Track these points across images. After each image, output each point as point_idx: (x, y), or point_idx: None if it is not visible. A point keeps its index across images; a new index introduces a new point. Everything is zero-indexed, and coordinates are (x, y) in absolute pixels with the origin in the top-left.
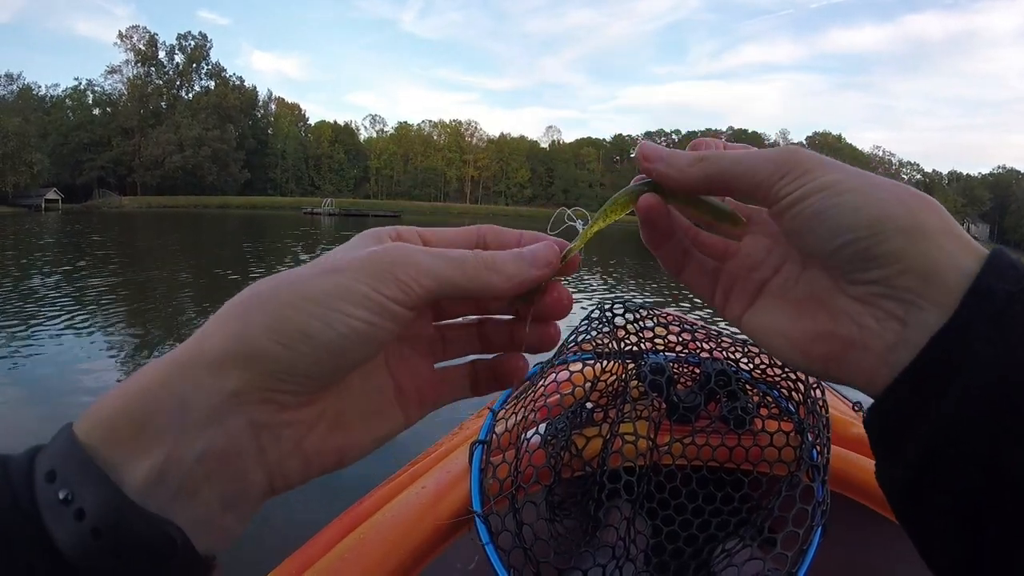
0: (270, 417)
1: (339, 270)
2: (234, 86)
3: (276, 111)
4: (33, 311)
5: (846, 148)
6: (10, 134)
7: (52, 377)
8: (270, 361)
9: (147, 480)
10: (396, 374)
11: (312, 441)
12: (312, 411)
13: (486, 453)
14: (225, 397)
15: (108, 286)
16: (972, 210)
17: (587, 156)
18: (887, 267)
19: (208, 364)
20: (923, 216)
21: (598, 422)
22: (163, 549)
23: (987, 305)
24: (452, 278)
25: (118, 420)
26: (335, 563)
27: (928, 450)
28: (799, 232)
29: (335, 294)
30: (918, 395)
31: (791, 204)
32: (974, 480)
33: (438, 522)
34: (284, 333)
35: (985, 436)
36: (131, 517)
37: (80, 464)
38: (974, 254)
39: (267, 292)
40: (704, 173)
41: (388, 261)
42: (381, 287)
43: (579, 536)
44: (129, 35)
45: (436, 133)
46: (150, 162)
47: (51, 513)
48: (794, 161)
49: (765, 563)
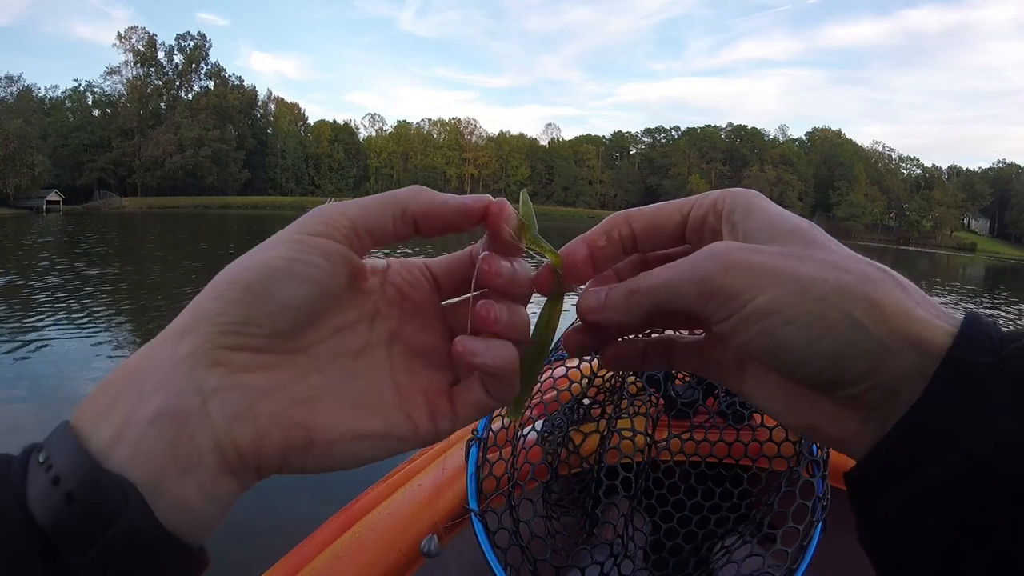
0: (219, 380)
1: (276, 234)
2: (233, 86)
3: (275, 111)
4: (36, 311)
5: (847, 144)
6: (11, 136)
7: (53, 377)
8: (210, 316)
9: (108, 440)
10: (400, 381)
11: (266, 407)
12: (267, 377)
13: (482, 450)
14: (178, 360)
15: (110, 286)
16: (973, 205)
17: (586, 153)
18: (854, 387)
19: (170, 337)
20: (880, 331)
21: (595, 418)
22: (113, 502)
23: (960, 382)
24: (372, 204)
25: (97, 397)
26: (330, 562)
27: (902, 532)
28: (753, 357)
29: (263, 247)
30: (885, 482)
31: (727, 333)
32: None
33: (434, 520)
34: (217, 287)
35: (955, 518)
36: (88, 470)
37: (61, 436)
38: (937, 350)
39: (223, 269)
40: (642, 307)
41: (315, 210)
42: (304, 227)
43: (577, 533)
44: (128, 36)
45: (435, 131)
46: (150, 163)
47: (32, 477)
48: (719, 279)
49: (765, 559)
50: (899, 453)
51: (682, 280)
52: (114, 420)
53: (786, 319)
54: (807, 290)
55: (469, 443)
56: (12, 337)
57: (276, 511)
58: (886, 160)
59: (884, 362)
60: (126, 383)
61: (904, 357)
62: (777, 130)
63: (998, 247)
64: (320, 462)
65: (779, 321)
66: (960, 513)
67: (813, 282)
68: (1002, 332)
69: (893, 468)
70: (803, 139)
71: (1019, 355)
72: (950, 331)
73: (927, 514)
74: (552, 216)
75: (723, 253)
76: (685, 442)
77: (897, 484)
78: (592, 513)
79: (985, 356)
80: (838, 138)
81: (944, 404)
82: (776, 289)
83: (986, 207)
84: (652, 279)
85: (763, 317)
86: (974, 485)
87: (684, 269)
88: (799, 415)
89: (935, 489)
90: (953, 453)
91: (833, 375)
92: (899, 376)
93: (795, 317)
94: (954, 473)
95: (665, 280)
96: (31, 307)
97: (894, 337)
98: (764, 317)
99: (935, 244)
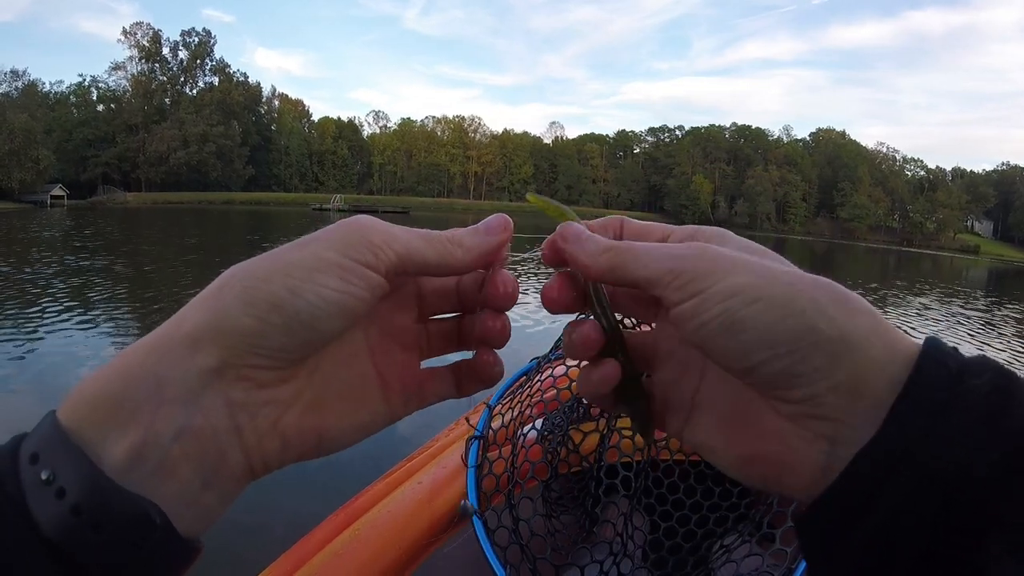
0: (247, 395)
1: (309, 242)
2: (238, 82)
3: (280, 107)
4: (39, 304)
5: (850, 144)
6: (16, 130)
7: (56, 368)
8: (243, 335)
9: (126, 459)
10: (379, 365)
11: (289, 421)
12: (289, 390)
13: (482, 449)
14: (201, 374)
15: (114, 278)
16: (976, 207)
17: (590, 152)
18: (810, 385)
19: (184, 342)
20: (847, 323)
21: (595, 417)
22: (143, 528)
23: (916, 418)
24: (419, 247)
25: (98, 400)
26: (330, 559)
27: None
28: (706, 348)
29: (305, 264)
30: (843, 516)
31: (686, 317)
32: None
33: (434, 518)
34: (255, 305)
35: (915, 553)
36: (111, 496)
37: (61, 445)
38: (903, 356)
39: (242, 270)
40: (610, 265)
41: (358, 227)
42: (351, 252)
43: (576, 532)
44: (133, 32)
45: (439, 129)
46: (154, 158)
47: (34, 494)
48: (694, 260)
49: (764, 559)
50: (861, 487)
51: (660, 254)
52: (132, 435)
53: (752, 297)
54: (776, 279)
55: (469, 441)
56: (11, 330)
57: (276, 509)
58: (890, 161)
59: (847, 357)
60: (139, 391)
61: (870, 355)
62: (781, 130)
63: (1002, 250)
64: (319, 455)
65: (744, 300)
66: (919, 548)
67: (784, 274)
68: (961, 360)
69: (854, 501)
70: (807, 139)
71: (975, 390)
72: (914, 345)
73: (889, 550)
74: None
75: (701, 245)
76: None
77: (857, 523)
78: (592, 512)
79: (942, 391)
80: (842, 139)
81: (903, 439)
82: (745, 275)
83: (990, 209)
84: (631, 245)
85: (728, 297)
86: (937, 520)
87: (662, 247)
88: (741, 445)
89: (896, 525)
90: (914, 486)
91: (791, 363)
92: (862, 376)
93: (761, 296)
94: (917, 508)
95: (645, 251)
96: (33, 299)
97: (861, 332)
98: (729, 296)
99: (938, 246)
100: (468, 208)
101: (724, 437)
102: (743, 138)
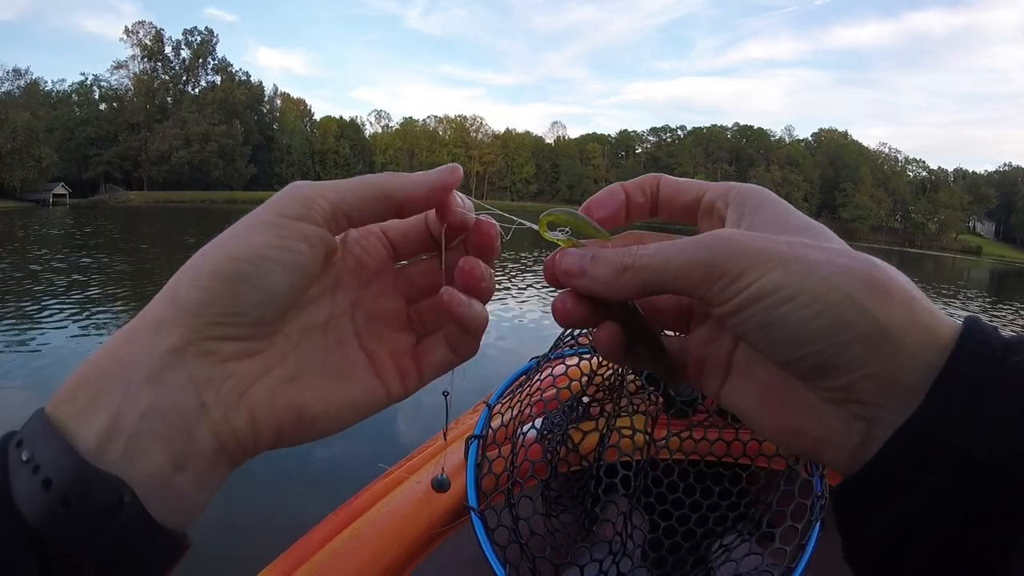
0: (210, 370)
1: (249, 214)
2: (240, 82)
3: (282, 107)
4: (41, 302)
5: (852, 145)
6: (18, 129)
7: (55, 365)
8: (195, 306)
9: (97, 439)
10: (368, 347)
11: (257, 394)
12: (254, 363)
13: (482, 448)
14: (164, 354)
15: (116, 276)
16: (978, 208)
17: (592, 152)
18: (846, 375)
19: (149, 327)
20: (883, 314)
21: (595, 416)
22: (110, 504)
23: (954, 399)
24: (353, 188)
25: (76, 389)
26: (330, 559)
27: (891, 548)
28: (746, 339)
29: (241, 231)
30: (874, 496)
31: (728, 314)
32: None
33: (433, 517)
34: (200, 277)
35: (946, 532)
36: (81, 471)
37: (43, 430)
38: (942, 340)
39: (197, 254)
40: (634, 285)
41: (291, 188)
42: (283, 209)
43: (576, 531)
44: (135, 31)
45: (441, 128)
46: (156, 157)
47: (16, 475)
48: (725, 262)
49: (763, 558)
50: (890, 473)
51: (689, 257)
52: (102, 417)
53: (787, 296)
54: (812, 271)
55: (468, 440)
56: (11, 330)
57: (275, 508)
58: (892, 162)
59: (882, 348)
60: (109, 376)
61: (905, 344)
62: (783, 130)
63: (1004, 250)
64: (308, 435)
65: (780, 299)
66: (950, 533)
67: (818, 264)
68: (1003, 339)
69: (883, 488)
70: (809, 140)
71: (1019, 369)
72: (954, 328)
73: (917, 534)
74: None
75: (729, 238)
76: (684, 440)
77: (888, 504)
78: (591, 511)
79: (985, 369)
80: (844, 139)
81: (939, 422)
82: (780, 270)
83: (992, 210)
84: (649, 257)
85: (765, 297)
86: (965, 506)
87: (689, 247)
88: (780, 417)
89: (927, 509)
90: (945, 474)
91: (827, 357)
92: (898, 366)
93: (796, 294)
94: (946, 494)
95: (668, 259)
96: (34, 297)
97: (896, 322)
98: (766, 296)
99: (940, 247)
100: None
101: (762, 406)
102: (745, 138)
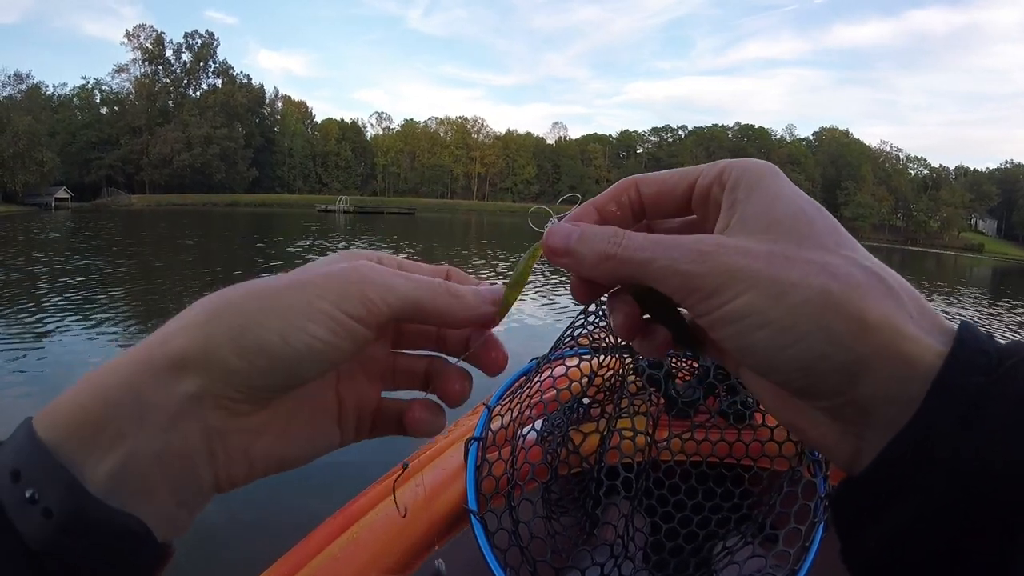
0: (222, 423)
1: (306, 284)
2: (241, 84)
3: (283, 109)
4: (43, 306)
5: (854, 143)
6: (20, 133)
7: (55, 368)
8: (228, 372)
9: (109, 478)
10: (342, 392)
11: (258, 449)
12: (260, 418)
13: (481, 450)
14: (182, 400)
15: (118, 281)
16: (980, 205)
17: (593, 152)
18: (828, 399)
19: (167, 366)
20: (859, 346)
21: (595, 418)
22: (128, 542)
23: (951, 407)
24: (418, 298)
25: (80, 418)
26: (328, 563)
27: (888, 549)
28: (729, 350)
29: (297, 309)
30: (869, 506)
31: (707, 326)
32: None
33: (433, 521)
34: (243, 346)
35: (941, 545)
36: (96, 513)
37: (43, 461)
38: (927, 361)
39: (234, 301)
40: (616, 275)
41: (356, 279)
42: (344, 304)
43: (577, 534)
44: (136, 34)
45: (442, 130)
46: (158, 160)
47: (18, 511)
48: (701, 275)
49: (767, 560)
50: (885, 480)
51: (666, 266)
52: (116, 456)
53: (758, 324)
54: (784, 296)
55: (468, 443)
56: (11, 330)
57: (273, 512)
58: (893, 160)
59: (861, 378)
60: (123, 414)
61: (882, 375)
62: (784, 130)
63: (1006, 248)
64: (277, 474)
65: (752, 324)
66: (947, 539)
67: (793, 288)
68: (999, 346)
69: (879, 495)
70: (810, 139)
71: (1014, 375)
72: (940, 351)
73: (914, 541)
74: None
75: (708, 252)
76: (686, 442)
77: (884, 510)
78: (592, 513)
79: (979, 376)
80: (845, 138)
81: (934, 430)
82: (752, 292)
83: (993, 208)
84: (632, 251)
85: (738, 319)
86: (961, 513)
87: (672, 254)
88: (785, 412)
89: (923, 516)
90: (941, 482)
91: (804, 385)
92: (873, 396)
93: (767, 323)
94: (942, 501)
95: (649, 259)
96: (36, 300)
97: (875, 353)
98: (739, 319)
99: (942, 244)
100: (472, 208)
101: (773, 396)
102: (746, 138)
